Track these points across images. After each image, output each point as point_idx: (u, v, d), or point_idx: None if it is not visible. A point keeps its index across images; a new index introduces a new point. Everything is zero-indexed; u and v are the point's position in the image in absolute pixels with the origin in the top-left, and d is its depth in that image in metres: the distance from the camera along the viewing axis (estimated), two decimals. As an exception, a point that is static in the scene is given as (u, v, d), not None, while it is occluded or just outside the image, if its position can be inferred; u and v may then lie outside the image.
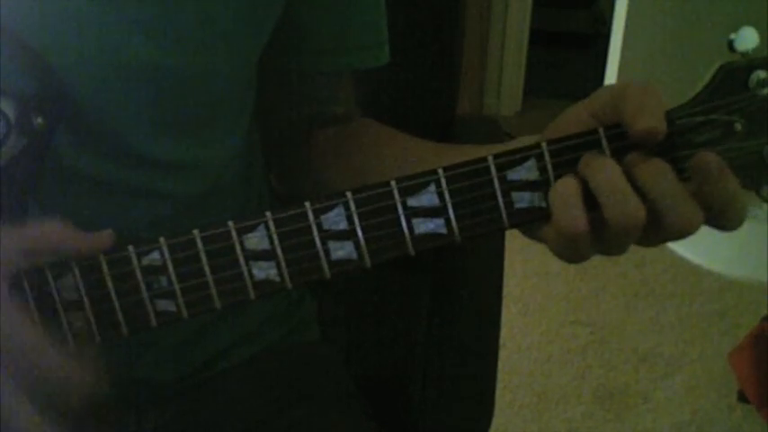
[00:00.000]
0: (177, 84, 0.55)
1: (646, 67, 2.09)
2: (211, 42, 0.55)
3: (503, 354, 1.13)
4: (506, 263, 0.85)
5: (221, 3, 0.54)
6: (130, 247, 0.46)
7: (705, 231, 0.47)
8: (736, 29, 0.45)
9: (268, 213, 0.45)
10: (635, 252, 2.33)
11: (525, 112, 2.95)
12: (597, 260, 0.46)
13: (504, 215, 0.46)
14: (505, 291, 0.86)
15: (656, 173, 0.43)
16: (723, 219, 0.44)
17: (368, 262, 0.46)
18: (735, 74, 0.44)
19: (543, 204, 0.45)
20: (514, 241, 0.85)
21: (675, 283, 2.01)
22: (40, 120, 0.48)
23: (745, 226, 0.48)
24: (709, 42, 2.09)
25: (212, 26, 0.55)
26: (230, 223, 0.46)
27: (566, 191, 0.44)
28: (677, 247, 2.11)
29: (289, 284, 0.46)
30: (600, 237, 0.44)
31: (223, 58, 0.57)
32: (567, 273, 2.03)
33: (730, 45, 0.44)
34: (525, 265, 2.05)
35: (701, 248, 2.08)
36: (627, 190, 0.43)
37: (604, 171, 0.43)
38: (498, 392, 0.91)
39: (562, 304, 1.94)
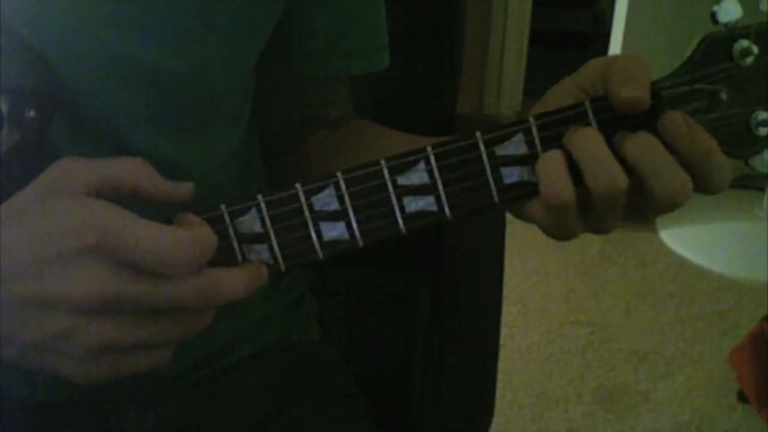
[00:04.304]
0: (175, 84, 0.55)
1: (646, 67, 2.09)
2: (210, 43, 0.55)
3: (503, 354, 1.13)
4: (506, 263, 0.85)
5: (220, 3, 0.54)
6: None
7: (705, 231, 0.47)
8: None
9: (259, 196, 0.45)
10: (635, 252, 2.31)
11: (525, 112, 2.94)
12: (597, 260, 0.46)
13: (493, 190, 0.46)
14: (505, 291, 0.86)
15: (643, 144, 0.44)
16: (704, 178, 0.44)
17: (360, 242, 0.46)
18: (718, 44, 0.45)
19: (532, 179, 0.45)
20: (514, 241, 0.85)
21: (675, 283, 2.01)
22: (32, 113, 0.48)
23: (746, 226, 0.48)
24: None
25: (211, 27, 0.55)
26: (222, 207, 0.46)
27: (551, 162, 0.44)
28: (677, 247, 2.11)
29: (282, 266, 0.46)
30: (586, 210, 0.45)
31: (222, 59, 0.57)
32: (567, 273, 2.03)
33: (713, 17, 0.45)
34: (525, 265, 2.05)
35: (701, 248, 2.08)
36: (607, 157, 0.43)
37: (585, 140, 0.44)
38: (498, 392, 0.91)
39: (562, 304, 1.93)
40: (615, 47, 2.08)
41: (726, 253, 2.06)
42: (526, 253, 2.07)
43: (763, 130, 0.45)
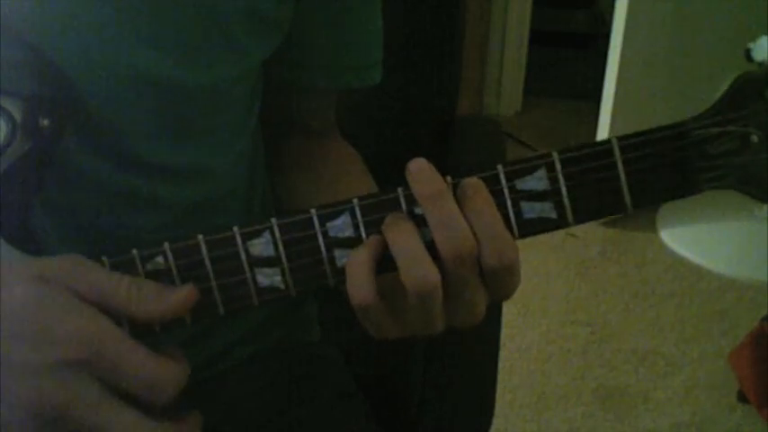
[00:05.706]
0: (186, 95, 0.55)
1: (645, 67, 2.09)
2: (221, 57, 0.55)
3: (503, 354, 1.13)
4: (506, 263, 0.85)
5: (232, 18, 0.54)
6: (134, 251, 0.46)
7: (705, 231, 0.47)
8: (735, 30, 0.44)
9: (273, 219, 0.45)
10: (635, 252, 2.31)
11: (525, 112, 2.95)
12: (597, 260, 0.46)
13: (514, 226, 0.46)
14: (505, 291, 0.86)
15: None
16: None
17: None
18: (752, 84, 0.44)
19: (553, 215, 0.46)
20: (514, 241, 0.84)
21: (675, 283, 2.01)
22: (46, 121, 0.48)
23: (746, 226, 0.47)
24: (709, 42, 2.09)
25: (223, 41, 0.55)
26: (235, 229, 0.45)
27: (356, 262, 0.45)
28: (677, 247, 2.11)
29: (293, 292, 0.46)
30: (400, 306, 0.46)
31: (232, 72, 0.57)
32: (567, 273, 2.03)
33: (747, 54, 0.44)
34: (525, 265, 2.04)
35: (701, 248, 2.08)
36: (421, 254, 0.44)
37: (402, 234, 0.44)
38: (498, 392, 0.91)
39: (562, 304, 1.93)
40: (615, 47, 2.08)
41: (726, 253, 2.06)
42: (526, 253, 2.06)
43: None
